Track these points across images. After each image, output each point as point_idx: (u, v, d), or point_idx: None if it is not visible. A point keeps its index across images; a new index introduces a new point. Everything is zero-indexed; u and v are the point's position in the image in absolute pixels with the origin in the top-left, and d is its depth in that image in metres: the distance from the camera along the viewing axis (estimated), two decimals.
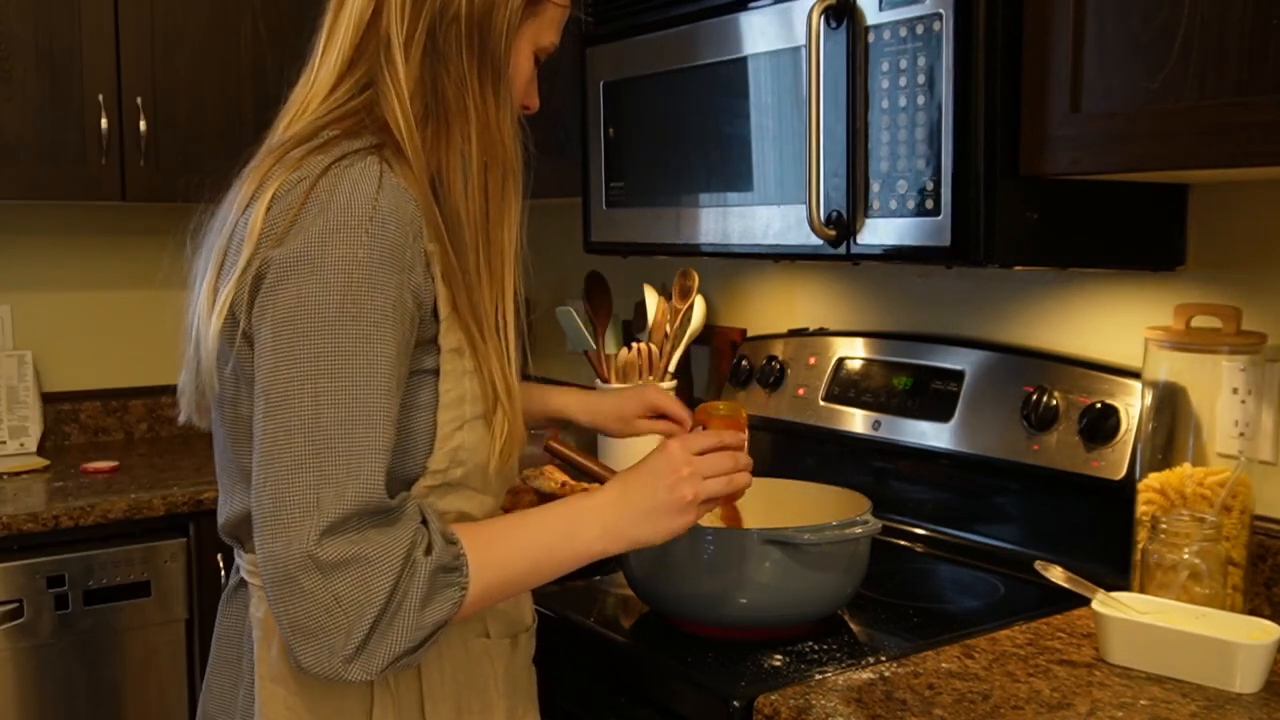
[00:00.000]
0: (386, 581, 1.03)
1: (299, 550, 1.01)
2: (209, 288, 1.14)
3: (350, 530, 1.03)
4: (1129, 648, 1.32)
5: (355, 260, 1.05)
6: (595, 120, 1.99)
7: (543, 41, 1.24)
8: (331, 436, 1.03)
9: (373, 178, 1.09)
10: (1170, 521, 1.40)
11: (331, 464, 1.03)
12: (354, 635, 1.02)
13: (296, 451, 1.03)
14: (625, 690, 1.47)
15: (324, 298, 1.04)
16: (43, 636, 2.19)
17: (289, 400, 1.04)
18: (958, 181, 1.40)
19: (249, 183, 1.16)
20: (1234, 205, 1.57)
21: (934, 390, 1.87)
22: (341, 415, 1.03)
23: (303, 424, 1.03)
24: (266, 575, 1.03)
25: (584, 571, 1.76)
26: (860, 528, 1.44)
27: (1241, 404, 1.52)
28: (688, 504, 1.22)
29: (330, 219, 1.06)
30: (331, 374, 1.04)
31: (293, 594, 1.02)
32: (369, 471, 1.04)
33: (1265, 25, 1.18)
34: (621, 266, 2.39)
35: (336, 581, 1.02)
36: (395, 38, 1.15)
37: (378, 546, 1.03)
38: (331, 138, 1.14)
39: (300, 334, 1.04)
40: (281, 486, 1.03)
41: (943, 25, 1.39)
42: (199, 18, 2.61)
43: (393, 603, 1.03)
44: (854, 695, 1.26)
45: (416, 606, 1.04)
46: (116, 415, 2.94)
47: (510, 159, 1.18)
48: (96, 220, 2.88)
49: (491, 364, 1.16)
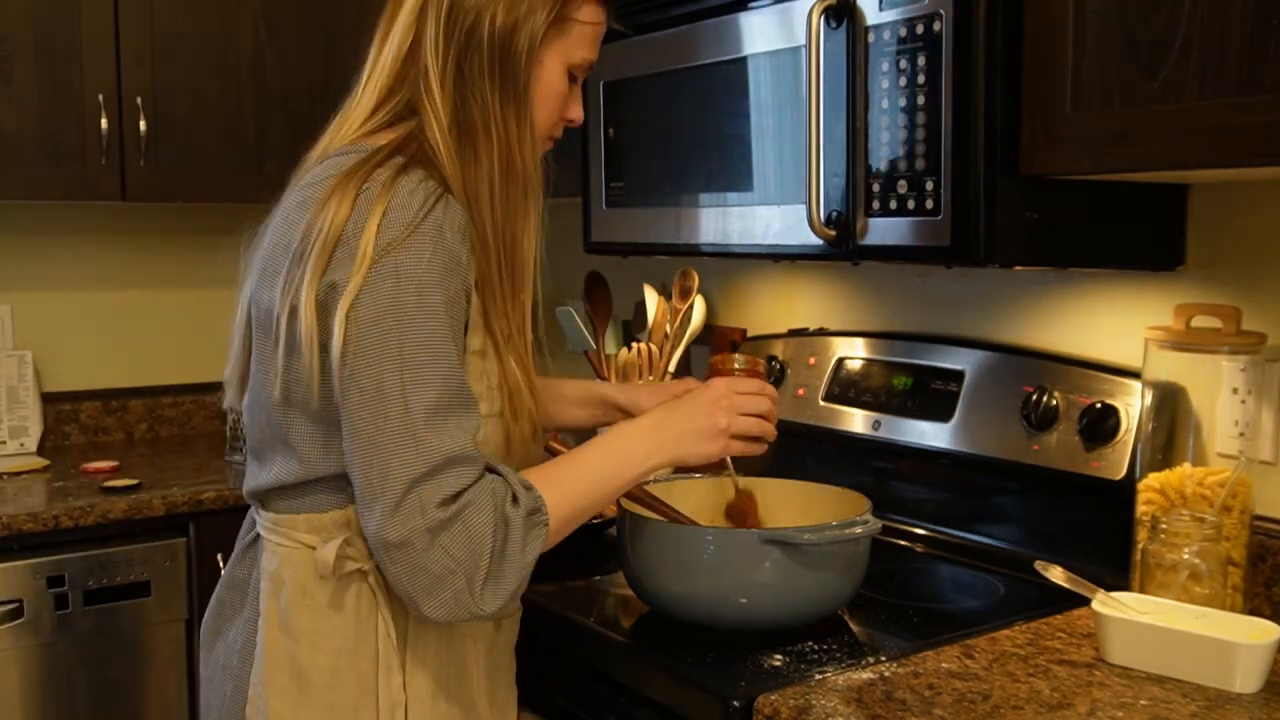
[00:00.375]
0: (488, 532, 1.17)
1: (409, 518, 1.15)
2: (284, 286, 1.22)
3: (445, 482, 1.16)
4: (1129, 648, 1.32)
5: (426, 264, 1.18)
6: (595, 120, 1.99)
7: (575, 58, 1.32)
8: (422, 418, 1.16)
9: (431, 190, 1.21)
10: (1170, 521, 1.40)
11: (427, 440, 1.16)
12: (475, 582, 1.17)
13: (394, 433, 1.16)
14: (625, 690, 1.47)
15: (402, 299, 1.17)
16: (43, 636, 2.19)
17: (382, 390, 1.16)
18: (958, 181, 1.40)
19: (318, 189, 1.24)
20: (1234, 205, 1.57)
21: (934, 390, 1.87)
22: (429, 399, 1.17)
23: (397, 409, 1.16)
24: (380, 544, 1.17)
25: (584, 571, 1.78)
26: (860, 528, 1.44)
27: (1241, 404, 1.52)
28: (720, 430, 1.36)
29: (401, 228, 1.18)
30: (417, 364, 1.17)
31: (408, 556, 1.16)
32: (459, 443, 1.18)
33: (1265, 25, 1.18)
34: (621, 266, 2.39)
35: (446, 539, 1.16)
36: (432, 67, 1.26)
37: (473, 506, 1.17)
38: (387, 154, 1.23)
39: (385, 332, 1.17)
40: (386, 465, 1.16)
41: (943, 25, 1.39)
42: (199, 18, 2.61)
43: (497, 550, 1.18)
44: (854, 695, 1.26)
45: (518, 550, 1.20)
46: (116, 415, 2.94)
47: (529, 175, 1.28)
48: (96, 220, 2.88)
49: (511, 366, 1.27)
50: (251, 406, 1.33)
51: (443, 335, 1.18)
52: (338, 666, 1.27)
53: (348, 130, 1.30)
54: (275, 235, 1.28)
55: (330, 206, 1.20)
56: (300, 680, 1.27)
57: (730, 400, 1.37)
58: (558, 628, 1.59)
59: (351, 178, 1.21)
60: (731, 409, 1.37)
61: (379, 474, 1.16)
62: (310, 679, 1.27)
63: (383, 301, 1.16)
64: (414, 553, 1.16)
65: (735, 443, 1.38)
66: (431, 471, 1.16)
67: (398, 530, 1.15)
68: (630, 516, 1.51)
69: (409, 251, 1.17)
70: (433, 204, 1.20)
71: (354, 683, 1.27)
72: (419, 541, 1.15)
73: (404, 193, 1.19)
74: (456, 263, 1.20)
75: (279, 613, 1.28)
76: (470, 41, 1.25)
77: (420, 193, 1.20)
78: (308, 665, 1.27)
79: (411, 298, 1.17)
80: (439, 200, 1.20)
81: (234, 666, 1.32)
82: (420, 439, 1.16)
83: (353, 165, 1.23)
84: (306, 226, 1.21)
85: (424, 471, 1.16)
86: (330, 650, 1.27)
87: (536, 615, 1.62)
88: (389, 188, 1.19)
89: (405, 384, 1.16)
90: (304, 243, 1.21)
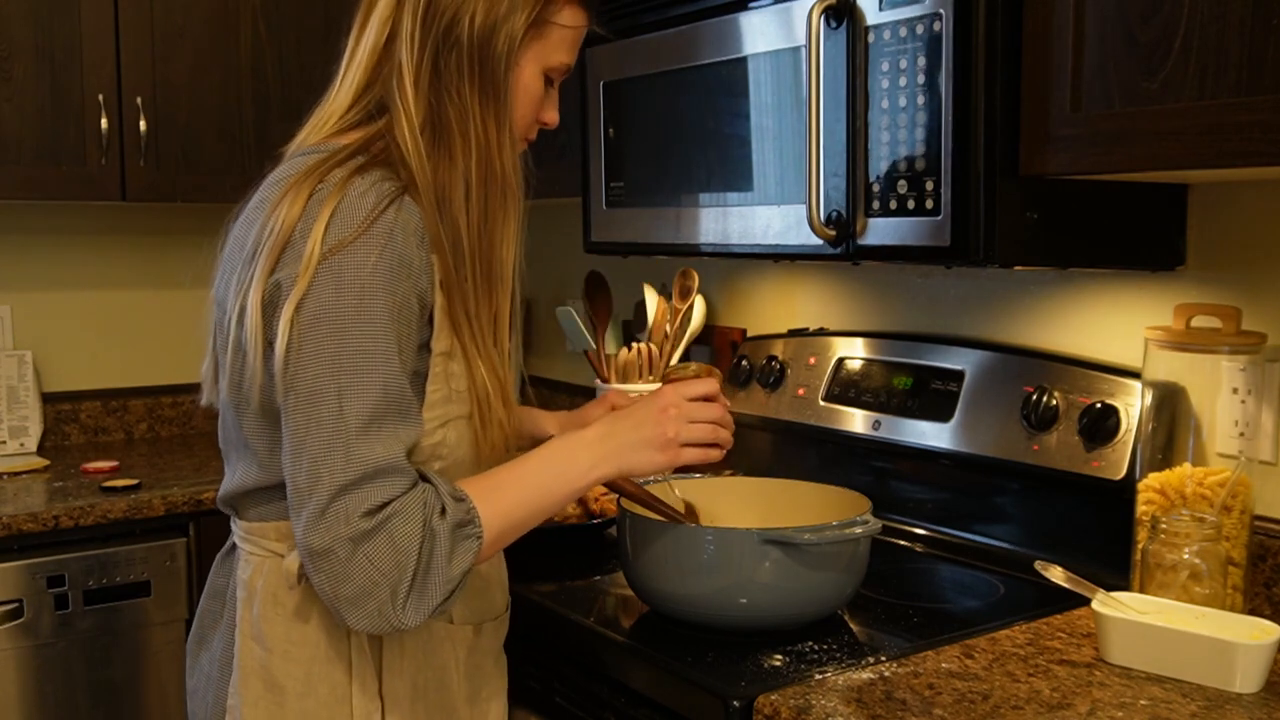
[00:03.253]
0: (414, 544, 1.14)
1: (332, 526, 1.13)
2: (236, 286, 1.21)
3: (372, 492, 1.14)
4: (1129, 648, 1.32)
5: (370, 268, 1.15)
6: (595, 120, 1.99)
7: (551, 62, 1.29)
8: (356, 426, 1.14)
9: (385, 192, 1.18)
10: (1170, 521, 1.40)
11: (357, 449, 1.14)
12: (398, 594, 1.14)
13: (325, 439, 1.14)
14: (625, 690, 1.47)
15: (342, 303, 1.15)
16: (43, 636, 2.19)
17: (316, 395, 1.14)
18: (957, 181, 1.40)
19: (274, 189, 1.23)
20: (1234, 205, 1.57)
21: (934, 390, 1.87)
22: (364, 407, 1.14)
23: (330, 415, 1.14)
24: (305, 551, 1.15)
25: (584, 571, 1.78)
26: (860, 528, 1.44)
27: (1241, 404, 1.52)
28: (669, 440, 1.31)
29: (350, 229, 1.16)
30: (353, 370, 1.14)
31: (331, 565, 1.13)
32: (391, 453, 1.16)
33: (1265, 25, 1.18)
34: (621, 266, 2.40)
35: (369, 549, 1.13)
36: (406, 64, 1.23)
37: (399, 516, 1.14)
38: (348, 154, 1.22)
39: (323, 335, 1.14)
40: (314, 471, 1.14)
41: (943, 25, 1.39)
42: (199, 18, 2.61)
43: (422, 563, 1.15)
44: (854, 695, 1.26)
45: (443, 564, 1.16)
46: (116, 415, 2.94)
47: (508, 179, 1.26)
48: (96, 220, 2.88)
49: (482, 371, 1.25)
50: (220, 406, 1.32)
51: (384, 341, 1.16)
52: (311, 675, 1.26)
53: (323, 126, 1.29)
54: (234, 236, 1.27)
55: (283, 207, 1.19)
56: (275, 690, 1.26)
57: (680, 408, 1.31)
58: (558, 628, 1.59)
59: (307, 178, 1.19)
60: (681, 417, 1.31)
61: (307, 479, 1.14)
62: (284, 688, 1.26)
63: (323, 304, 1.14)
64: (336, 562, 1.13)
65: (687, 451, 1.32)
66: (359, 480, 1.13)
67: (321, 538, 1.13)
68: (630, 516, 1.51)
69: (354, 254, 1.15)
70: (385, 206, 1.17)
71: (328, 691, 1.26)
72: (341, 550, 1.13)
73: (355, 194, 1.17)
74: (407, 266, 1.17)
75: (253, 622, 1.28)
76: (448, 39, 1.22)
77: (373, 195, 1.17)
78: (281, 674, 1.26)
79: (352, 302, 1.14)
80: (393, 202, 1.18)
81: (215, 676, 1.32)
82: (351, 447, 1.13)
83: (311, 165, 1.21)
84: (260, 227, 1.20)
85: (351, 480, 1.13)
86: (303, 659, 1.26)
87: (537, 615, 1.62)
88: (341, 188, 1.17)
89: (341, 390, 1.14)
90: (255, 243, 1.20)
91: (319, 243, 1.15)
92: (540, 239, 2.93)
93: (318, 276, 1.14)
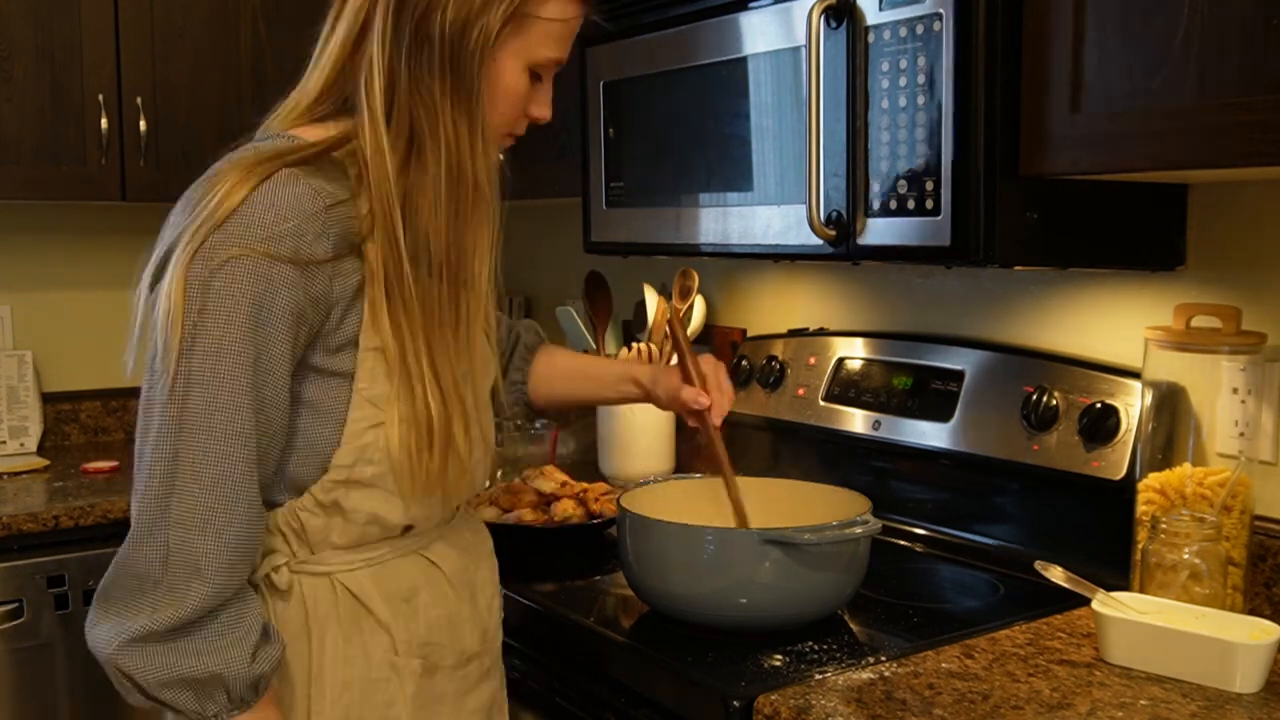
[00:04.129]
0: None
1: None
2: (156, 256, 1.15)
3: None
4: (1129, 648, 1.32)
5: (250, 267, 1.09)
6: (595, 120, 1.99)
7: (536, 57, 1.21)
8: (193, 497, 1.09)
9: (282, 182, 1.11)
10: (1170, 521, 1.40)
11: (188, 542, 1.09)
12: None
13: (157, 510, 1.09)
14: (625, 690, 1.47)
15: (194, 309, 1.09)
16: (43, 636, 2.19)
17: (148, 429, 1.10)
18: (957, 182, 1.40)
19: (224, 166, 1.16)
20: (1234, 205, 1.57)
21: (934, 390, 1.87)
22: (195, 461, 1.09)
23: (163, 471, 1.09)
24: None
25: (584, 571, 1.78)
26: (860, 528, 1.44)
27: (1241, 404, 1.52)
28: None
29: (225, 226, 1.09)
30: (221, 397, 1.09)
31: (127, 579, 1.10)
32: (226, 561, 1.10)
33: (1265, 25, 1.18)
34: (621, 266, 2.39)
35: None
36: (377, 60, 1.15)
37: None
38: (314, 152, 1.15)
39: (161, 357, 1.09)
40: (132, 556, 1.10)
41: (943, 25, 1.39)
42: (199, 18, 2.61)
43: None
44: (854, 695, 1.26)
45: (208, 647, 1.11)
46: (116, 415, 2.94)
47: (480, 185, 1.18)
48: (96, 220, 2.88)
49: (430, 389, 1.17)
50: None
51: (239, 359, 1.10)
52: None
53: (289, 114, 1.22)
54: (171, 222, 1.19)
55: (224, 186, 1.11)
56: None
57: None
58: (558, 628, 1.59)
59: (258, 165, 1.12)
60: None
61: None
62: None
63: (170, 314, 1.09)
64: None
65: None
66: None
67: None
68: (630, 516, 1.51)
69: (228, 248, 1.09)
70: (278, 198, 1.10)
71: None
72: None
73: (255, 188, 1.10)
74: (298, 263, 1.10)
75: None
76: (419, 35, 1.14)
77: (272, 189, 1.11)
78: None
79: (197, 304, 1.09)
80: (294, 191, 1.11)
81: None
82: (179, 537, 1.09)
83: (269, 152, 1.14)
84: (196, 202, 1.13)
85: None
86: None
87: (536, 615, 1.62)
88: (238, 183, 1.11)
89: (176, 451, 1.09)
90: (188, 218, 1.12)
91: (196, 239, 1.09)
92: (540, 239, 2.93)
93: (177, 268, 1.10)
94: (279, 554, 1.20)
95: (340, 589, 1.21)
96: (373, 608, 1.22)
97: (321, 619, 1.20)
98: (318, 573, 1.21)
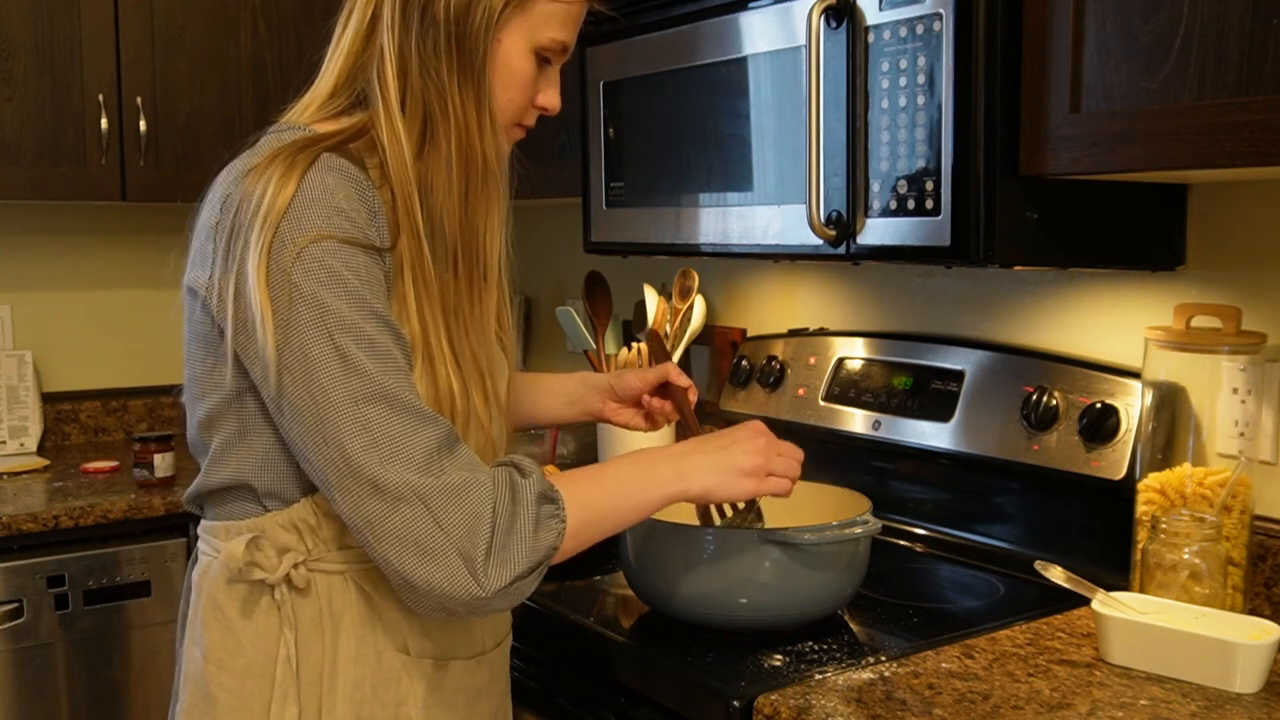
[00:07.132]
0: (487, 501, 1.10)
1: (394, 485, 1.08)
2: (223, 262, 1.15)
3: (439, 458, 1.10)
4: (1129, 648, 1.32)
5: (330, 248, 1.10)
6: (595, 120, 1.99)
7: (541, 39, 1.22)
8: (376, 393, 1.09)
9: (328, 166, 1.13)
10: (1170, 521, 1.40)
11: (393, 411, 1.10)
12: (475, 555, 1.08)
13: (350, 408, 1.09)
14: (625, 690, 1.47)
15: (317, 280, 1.09)
16: (43, 636, 2.19)
17: (315, 368, 1.09)
18: (957, 181, 1.40)
19: (257, 160, 1.18)
20: (1234, 205, 1.57)
21: (934, 390, 1.87)
22: (369, 382, 1.09)
23: (339, 383, 1.09)
24: (361, 513, 1.09)
25: (584, 571, 1.78)
26: (860, 528, 1.44)
27: (1241, 404, 1.52)
28: (757, 468, 1.28)
29: (289, 215, 1.10)
30: (355, 338, 1.09)
31: (399, 524, 1.08)
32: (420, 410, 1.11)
33: (1265, 25, 1.18)
34: (621, 266, 2.40)
35: (437, 509, 1.08)
36: (389, 49, 1.18)
37: (465, 474, 1.10)
38: (340, 140, 1.17)
39: (318, 310, 1.09)
40: (349, 442, 1.08)
41: (943, 25, 1.39)
42: (199, 18, 2.61)
43: (500, 524, 1.10)
44: (854, 695, 1.26)
45: (530, 530, 1.11)
46: (116, 415, 2.94)
47: (490, 164, 1.20)
48: (96, 220, 2.88)
49: (451, 366, 1.19)
50: (186, 403, 1.26)
51: (372, 308, 1.12)
52: (243, 688, 1.18)
53: (305, 110, 1.25)
54: (203, 221, 1.20)
55: (271, 179, 1.12)
56: (208, 701, 1.20)
57: (775, 447, 1.31)
58: (558, 628, 1.59)
59: (300, 152, 1.14)
60: (772, 450, 1.31)
61: (338, 453, 1.09)
62: (216, 699, 1.19)
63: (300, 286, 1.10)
64: (402, 522, 1.08)
65: (771, 480, 1.31)
66: (409, 439, 1.10)
67: (377, 503, 1.08)
68: None
69: (308, 229, 1.10)
70: (327, 180, 1.12)
71: (260, 708, 1.18)
72: (408, 510, 1.08)
73: (302, 177, 1.12)
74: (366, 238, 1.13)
75: (194, 624, 1.22)
76: (425, 18, 1.17)
77: (314, 175, 1.12)
78: (213, 685, 1.19)
79: (323, 276, 1.10)
80: (335, 175, 1.13)
81: (177, 678, 1.28)
82: (385, 412, 1.10)
83: (301, 141, 1.16)
84: (242, 200, 1.14)
85: (399, 441, 1.10)
86: (236, 670, 1.19)
87: (536, 615, 1.62)
88: (285, 175, 1.12)
89: (344, 359, 1.09)
90: (241, 218, 1.13)
91: (270, 229, 1.10)
92: (540, 239, 2.93)
93: (279, 257, 1.10)
94: (296, 551, 1.19)
95: (354, 586, 1.20)
96: (386, 606, 1.21)
97: (336, 616, 1.20)
98: (333, 570, 1.20)
